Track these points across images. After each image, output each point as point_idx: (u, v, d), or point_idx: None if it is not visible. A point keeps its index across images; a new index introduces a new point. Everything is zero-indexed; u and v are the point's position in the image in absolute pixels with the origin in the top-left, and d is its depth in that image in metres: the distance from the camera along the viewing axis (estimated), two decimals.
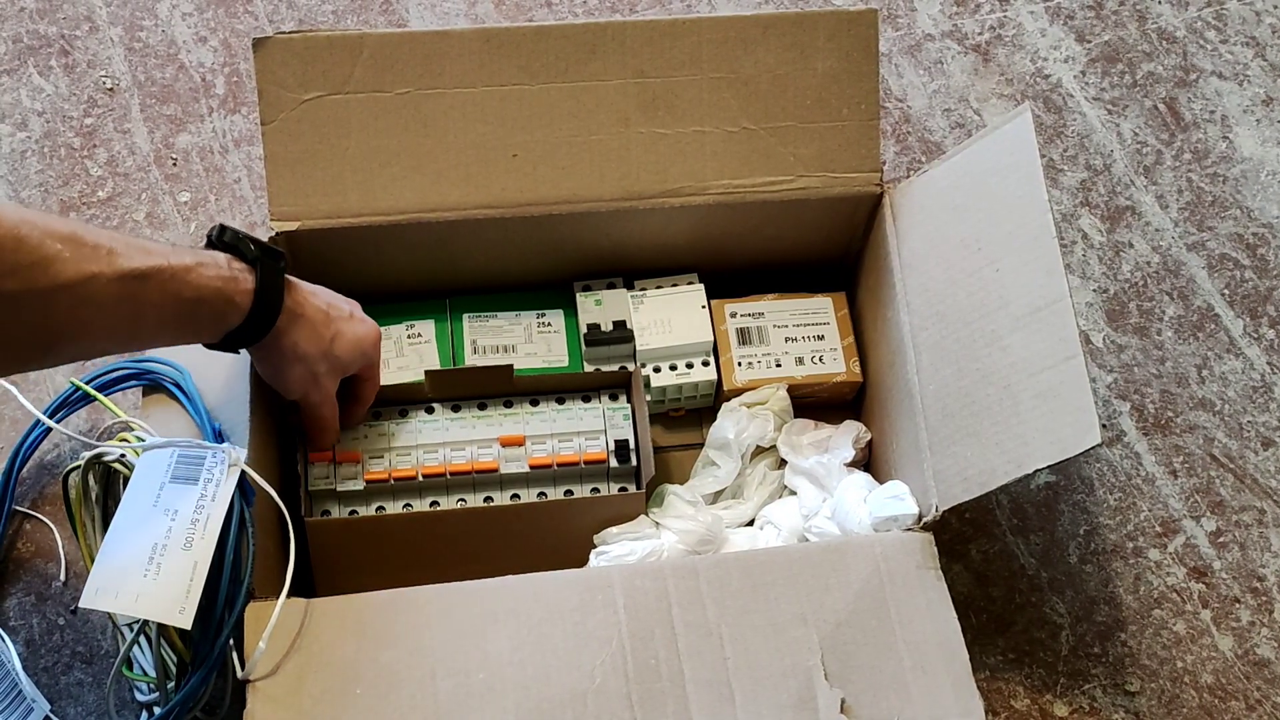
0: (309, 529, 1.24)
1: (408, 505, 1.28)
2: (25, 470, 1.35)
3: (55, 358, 1.03)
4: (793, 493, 1.33)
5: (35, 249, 0.92)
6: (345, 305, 1.21)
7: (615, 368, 1.37)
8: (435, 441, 1.29)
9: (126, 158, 1.57)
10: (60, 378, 1.40)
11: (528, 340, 1.39)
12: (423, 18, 1.70)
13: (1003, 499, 1.42)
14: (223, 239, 1.10)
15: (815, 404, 1.40)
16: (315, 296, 1.17)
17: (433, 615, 1.10)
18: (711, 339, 1.38)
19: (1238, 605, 1.38)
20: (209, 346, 1.13)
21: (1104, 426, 1.45)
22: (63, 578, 1.32)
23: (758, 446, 1.35)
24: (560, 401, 1.33)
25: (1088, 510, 1.42)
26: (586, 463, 1.29)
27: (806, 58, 1.30)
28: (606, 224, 1.33)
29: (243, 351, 1.15)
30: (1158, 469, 1.44)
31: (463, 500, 1.29)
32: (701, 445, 1.37)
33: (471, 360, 1.37)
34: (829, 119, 1.31)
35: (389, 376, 1.32)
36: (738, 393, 1.36)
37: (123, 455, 1.18)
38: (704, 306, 1.40)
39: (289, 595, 1.09)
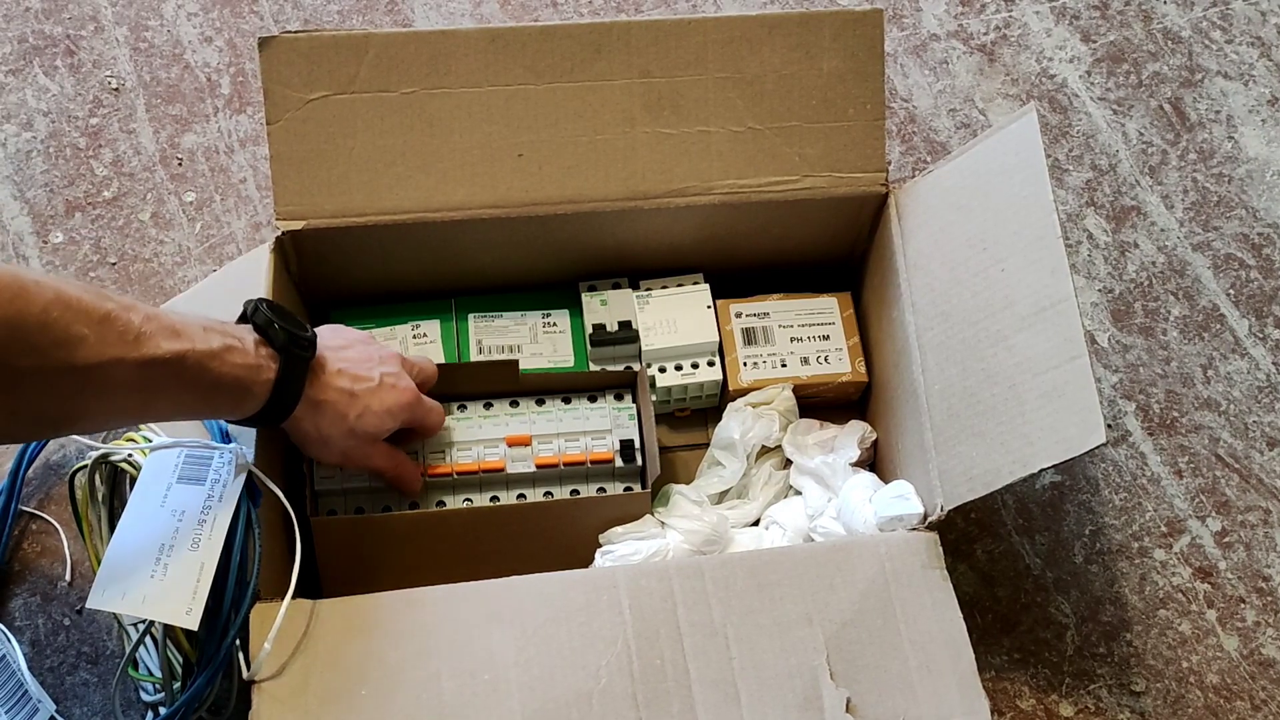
0: (315, 529, 1.24)
1: (414, 505, 1.28)
2: (31, 470, 1.35)
3: (54, 432, 1.02)
4: (798, 493, 1.33)
5: (60, 331, 0.92)
6: (376, 371, 1.18)
7: (621, 368, 1.37)
8: (441, 441, 1.29)
9: (132, 158, 1.57)
10: None
11: (533, 340, 1.39)
12: (428, 18, 1.70)
13: (1008, 499, 1.42)
14: (255, 321, 1.10)
15: (820, 404, 1.40)
16: (340, 377, 1.15)
17: (438, 616, 1.10)
18: (717, 339, 1.38)
19: (1243, 605, 1.38)
20: (233, 423, 1.13)
21: (1109, 426, 1.45)
22: (68, 578, 1.32)
23: (763, 446, 1.35)
24: (566, 401, 1.33)
25: (1093, 510, 1.42)
26: (592, 462, 1.29)
27: (812, 58, 1.30)
28: (612, 224, 1.33)
29: None
30: (1163, 469, 1.44)
31: (469, 500, 1.29)
32: (707, 445, 1.37)
33: (477, 360, 1.37)
34: (834, 119, 1.31)
35: None
36: (743, 393, 1.36)
37: (129, 455, 1.19)
38: (709, 306, 1.40)
39: (295, 596, 1.09)
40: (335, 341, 1.18)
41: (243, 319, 1.11)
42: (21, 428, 0.97)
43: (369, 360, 1.19)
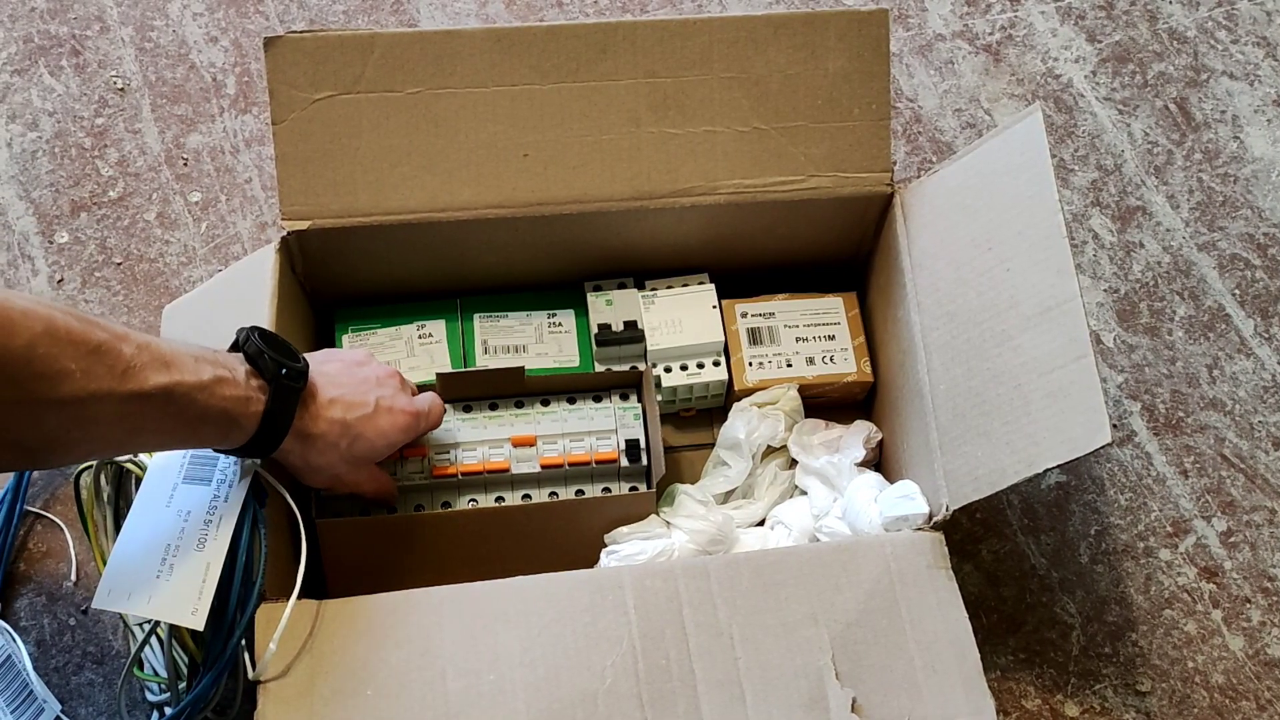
0: (320, 530, 1.24)
1: (419, 506, 1.28)
2: (37, 470, 1.35)
3: (35, 463, 1.00)
4: (803, 493, 1.33)
5: (45, 366, 0.90)
6: (371, 396, 1.17)
7: (626, 368, 1.37)
8: (446, 442, 1.29)
9: (137, 158, 1.57)
10: None
11: (538, 340, 1.39)
12: (433, 17, 1.70)
13: (1013, 499, 1.42)
14: (246, 348, 1.09)
15: (826, 404, 1.40)
16: (333, 407, 1.14)
17: (443, 616, 1.10)
18: (722, 339, 1.38)
19: (1249, 605, 1.38)
20: (220, 453, 1.12)
21: (1115, 426, 1.45)
22: (74, 578, 1.33)
23: (768, 446, 1.35)
24: (571, 401, 1.33)
25: (1098, 510, 1.42)
26: (598, 462, 1.29)
27: (817, 58, 1.30)
28: (617, 224, 1.33)
29: None
30: (1168, 469, 1.44)
31: (474, 500, 1.29)
32: (712, 445, 1.37)
33: (482, 360, 1.37)
34: (840, 119, 1.31)
35: None
36: (748, 392, 1.36)
37: (135, 455, 1.18)
38: (715, 306, 1.40)
39: (300, 596, 1.09)
40: (330, 368, 1.17)
41: (234, 348, 1.10)
42: (3, 454, 0.95)
43: (364, 384, 1.18)
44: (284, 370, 1.08)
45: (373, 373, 1.20)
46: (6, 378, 0.88)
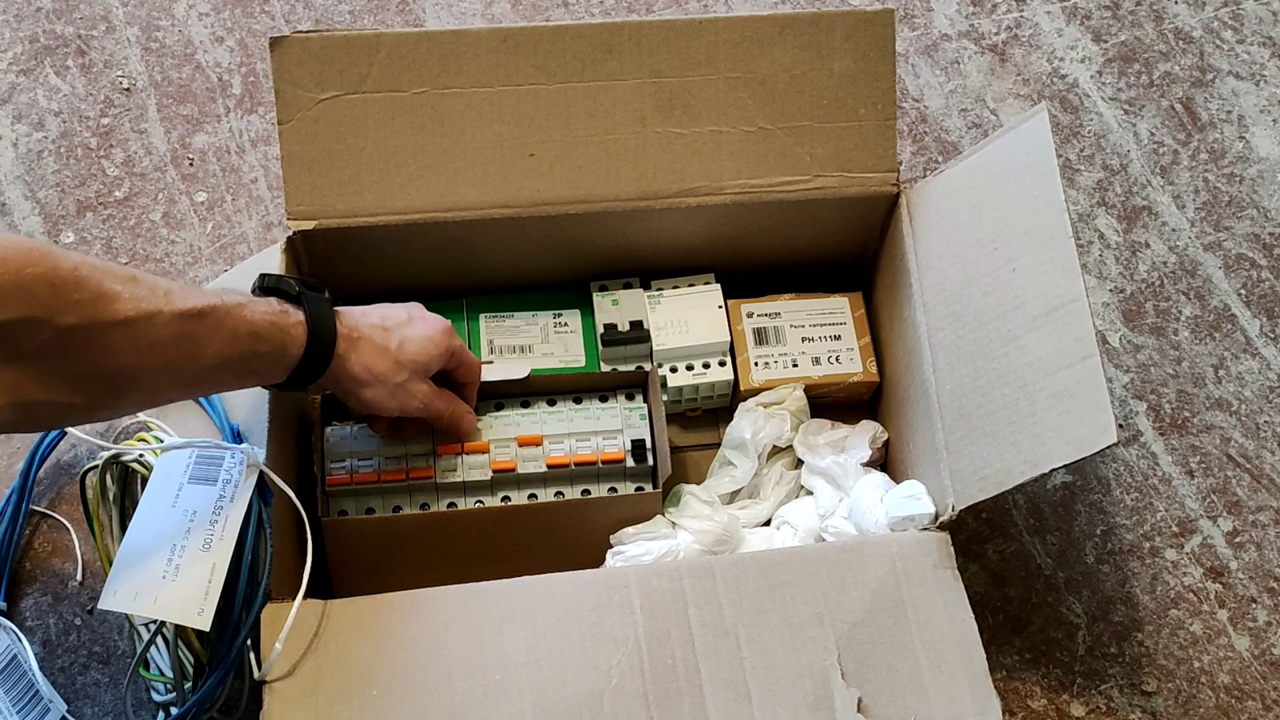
0: (326, 530, 1.24)
1: (424, 505, 1.28)
2: (43, 470, 1.35)
3: (120, 401, 1.02)
4: (809, 493, 1.33)
5: (95, 287, 0.94)
6: (402, 312, 1.21)
7: (632, 367, 1.37)
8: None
9: (143, 158, 1.57)
10: None
11: (544, 340, 1.39)
12: (439, 17, 1.70)
13: (1019, 499, 1.42)
14: (264, 285, 1.12)
15: (832, 404, 1.40)
16: (366, 316, 1.18)
17: (449, 616, 1.10)
18: (728, 339, 1.38)
19: (1254, 605, 1.37)
20: (279, 389, 1.14)
21: (1120, 426, 1.45)
22: (79, 578, 1.33)
23: (774, 446, 1.35)
24: (577, 401, 1.33)
25: (1104, 510, 1.41)
26: (603, 462, 1.29)
27: (823, 58, 1.30)
28: (623, 224, 1.33)
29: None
30: (1174, 469, 1.44)
31: (480, 500, 1.29)
32: (718, 445, 1.37)
33: (488, 359, 1.37)
34: (845, 119, 1.31)
35: None
36: (754, 393, 1.36)
37: (140, 455, 1.19)
38: (721, 306, 1.40)
39: (306, 596, 1.09)
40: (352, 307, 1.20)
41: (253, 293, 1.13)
42: (88, 393, 0.98)
43: (390, 307, 1.22)
44: (307, 285, 1.13)
45: (396, 307, 1.23)
46: (67, 301, 0.92)
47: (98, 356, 0.95)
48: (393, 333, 1.18)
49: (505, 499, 1.29)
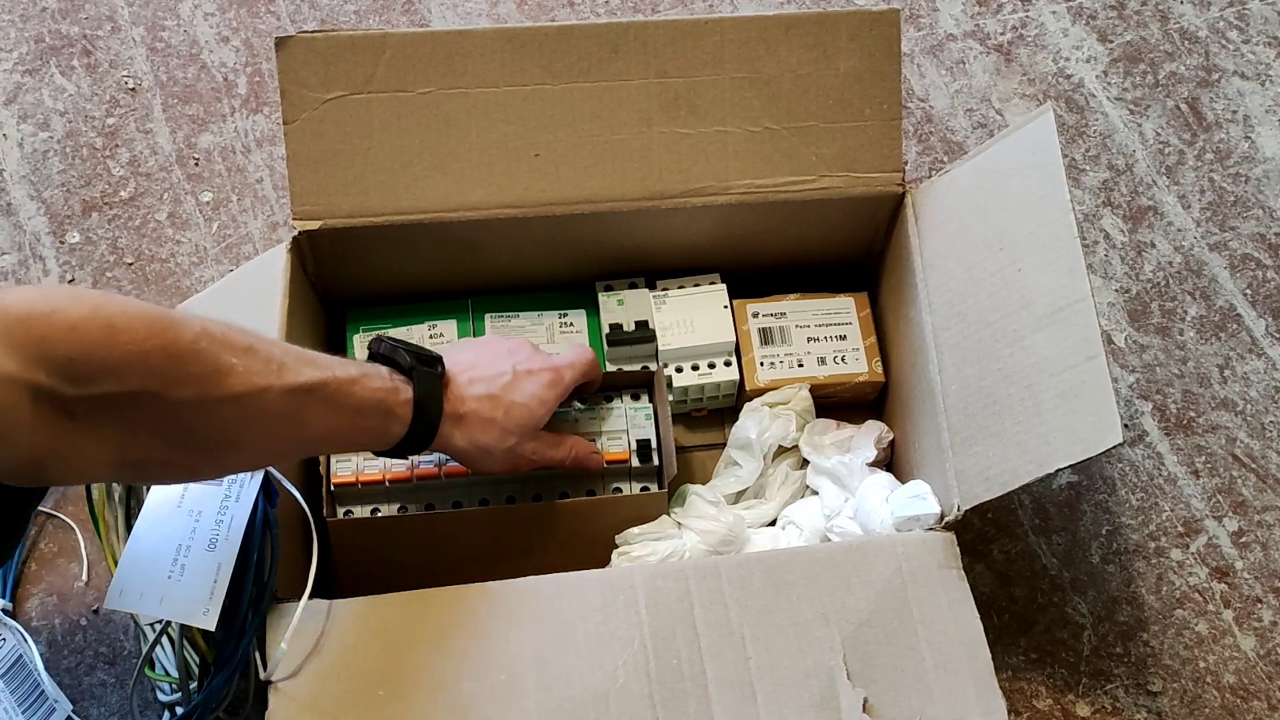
0: (331, 530, 1.24)
1: (430, 505, 1.28)
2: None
3: (223, 467, 1.04)
4: (815, 493, 1.33)
5: (211, 360, 0.94)
6: (507, 365, 1.19)
7: (637, 367, 1.37)
8: None
9: (148, 158, 1.57)
10: None
11: (550, 340, 1.39)
12: (445, 17, 1.70)
13: (1025, 499, 1.42)
14: (380, 351, 1.13)
15: (837, 404, 1.40)
16: (474, 386, 1.16)
17: (454, 616, 1.10)
18: (734, 339, 1.38)
19: (1260, 605, 1.37)
20: (389, 455, 1.14)
21: (1126, 426, 1.45)
22: (85, 578, 1.33)
23: (780, 446, 1.34)
24: (583, 401, 1.33)
25: (1110, 510, 1.41)
26: (609, 462, 1.29)
27: (829, 57, 1.30)
28: (628, 224, 1.33)
29: None
30: (1180, 469, 1.44)
31: (485, 500, 1.29)
32: (723, 445, 1.37)
33: None
34: (851, 119, 1.31)
35: None
36: (760, 393, 1.36)
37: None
38: (726, 306, 1.40)
39: (311, 596, 1.09)
40: (460, 355, 1.19)
41: (370, 359, 1.14)
42: (193, 455, 0.98)
43: (496, 359, 1.20)
44: (419, 358, 1.12)
45: (502, 346, 1.22)
46: (184, 374, 0.92)
47: (205, 426, 0.96)
48: (498, 400, 1.16)
49: (510, 499, 1.29)
